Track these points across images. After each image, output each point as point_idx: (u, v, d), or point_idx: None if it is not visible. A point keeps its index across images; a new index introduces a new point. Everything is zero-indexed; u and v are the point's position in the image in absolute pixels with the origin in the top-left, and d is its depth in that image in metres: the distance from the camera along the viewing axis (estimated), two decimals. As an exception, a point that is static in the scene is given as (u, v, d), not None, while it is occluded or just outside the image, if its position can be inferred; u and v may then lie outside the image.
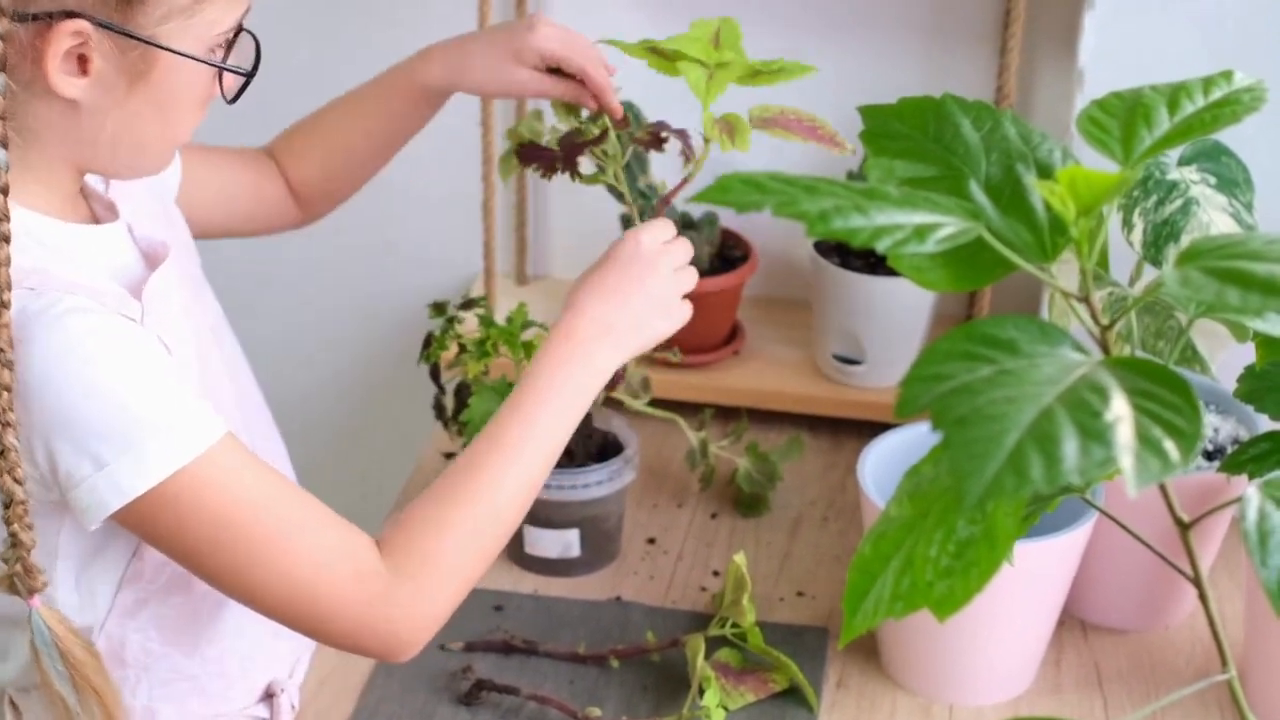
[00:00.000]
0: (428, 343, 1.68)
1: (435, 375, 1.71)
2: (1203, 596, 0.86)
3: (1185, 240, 1.47)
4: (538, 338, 1.61)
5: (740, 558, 1.48)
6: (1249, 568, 1.48)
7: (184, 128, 1.29)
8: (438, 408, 1.73)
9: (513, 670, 1.51)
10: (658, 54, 1.48)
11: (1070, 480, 0.70)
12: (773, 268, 2.00)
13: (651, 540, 1.72)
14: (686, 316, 1.40)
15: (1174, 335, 1.49)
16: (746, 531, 1.74)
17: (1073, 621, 1.59)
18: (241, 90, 1.30)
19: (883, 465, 1.51)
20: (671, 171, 1.94)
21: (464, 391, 1.66)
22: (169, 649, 1.34)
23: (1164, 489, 0.85)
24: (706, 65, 1.46)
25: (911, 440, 1.54)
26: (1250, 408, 1.31)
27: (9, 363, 1.14)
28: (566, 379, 1.31)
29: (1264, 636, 1.45)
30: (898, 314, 1.83)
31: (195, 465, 1.18)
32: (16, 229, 1.16)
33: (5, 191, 1.15)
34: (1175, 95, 0.88)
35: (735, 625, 1.51)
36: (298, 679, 1.47)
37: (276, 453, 1.51)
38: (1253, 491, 0.86)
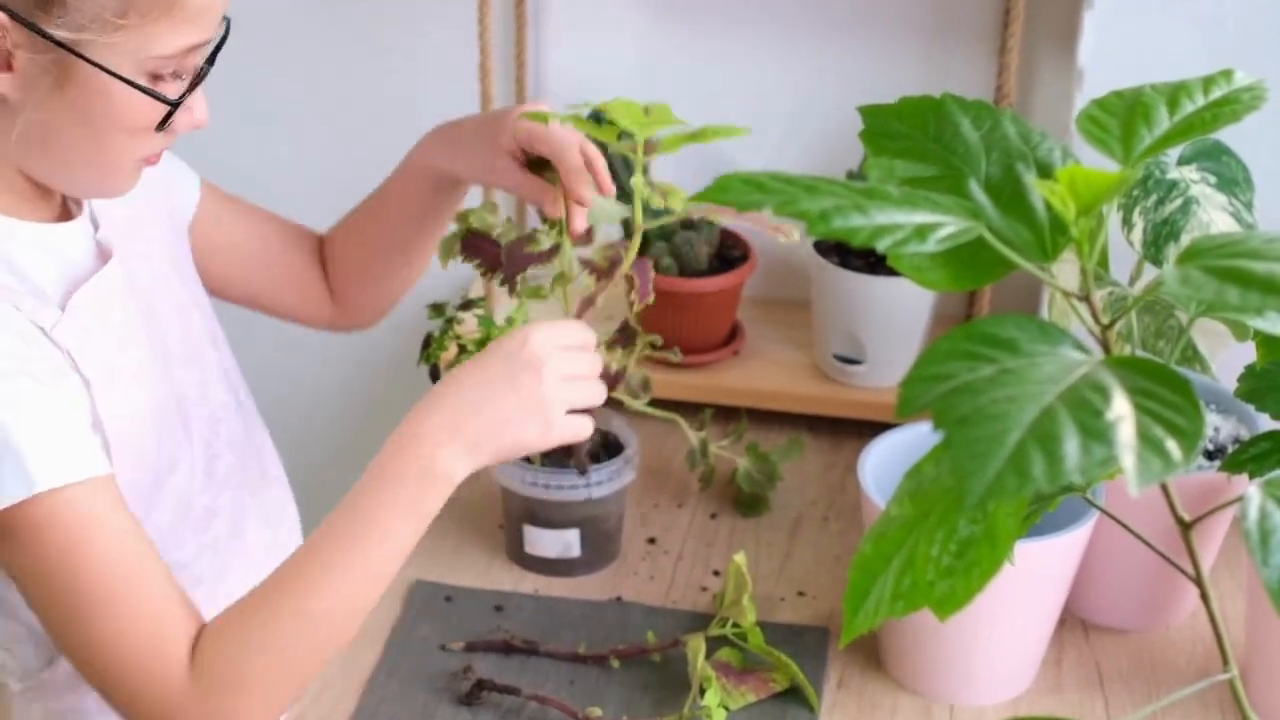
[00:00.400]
0: (427, 343, 1.68)
1: (435, 376, 1.71)
2: (1204, 596, 0.86)
3: (1185, 239, 1.47)
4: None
5: (740, 557, 1.48)
6: (1250, 567, 1.48)
7: (117, 150, 1.24)
8: (438, 408, 1.73)
9: (513, 670, 1.51)
10: (595, 122, 1.37)
11: (1072, 479, 0.70)
12: (772, 268, 2.00)
13: (652, 540, 1.72)
14: (579, 433, 1.26)
15: (1174, 334, 1.49)
16: (747, 531, 1.74)
17: (1074, 621, 1.59)
18: (179, 117, 1.24)
19: (883, 465, 1.51)
20: (669, 173, 1.95)
21: (464, 392, 1.66)
22: None
23: (1165, 488, 0.84)
24: (635, 136, 1.35)
25: (912, 440, 1.54)
26: (1251, 407, 1.31)
27: None
28: (401, 483, 1.20)
29: (1265, 636, 1.45)
30: (897, 314, 1.83)
31: (47, 498, 1.15)
32: None
33: None
34: (1175, 94, 0.88)
35: (736, 625, 1.51)
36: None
37: (262, 471, 1.50)
38: (1254, 490, 0.86)
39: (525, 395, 1.23)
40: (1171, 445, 0.71)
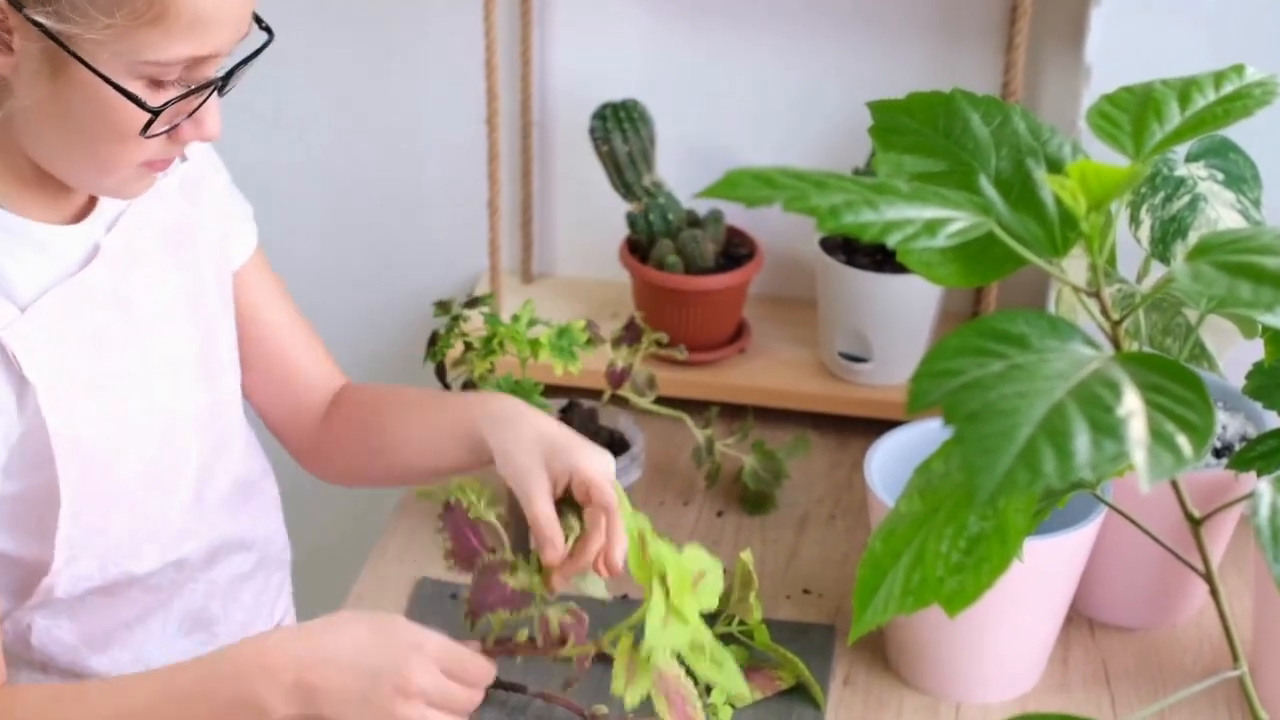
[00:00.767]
0: (433, 341, 1.67)
1: (441, 374, 1.71)
2: (1214, 592, 0.86)
3: (1193, 237, 1.47)
4: (545, 335, 1.61)
5: (747, 555, 1.48)
6: (1258, 565, 1.48)
7: (108, 151, 1.21)
8: (443, 406, 1.72)
9: (519, 668, 1.51)
10: (644, 548, 1.26)
11: (1082, 475, 0.69)
12: (778, 265, 2.00)
13: (658, 538, 1.72)
14: None
15: (1182, 332, 1.49)
16: (753, 529, 1.74)
17: (1080, 619, 1.59)
18: (163, 125, 1.20)
19: (890, 463, 1.51)
20: (675, 168, 1.94)
21: (470, 389, 1.66)
22: (78, 642, 1.34)
23: (1175, 485, 0.84)
24: (668, 600, 1.24)
25: (918, 438, 1.53)
26: (1259, 404, 1.31)
27: None
28: (223, 704, 1.17)
29: (1274, 634, 1.45)
30: (904, 312, 1.83)
31: None
32: None
33: None
34: (1186, 89, 0.88)
35: (742, 623, 1.50)
36: None
37: (258, 509, 1.47)
38: (1264, 487, 0.85)
39: (381, 696, 1.18)
40: (1183, 441, 0.71)
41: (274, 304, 1.51)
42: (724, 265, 1.90)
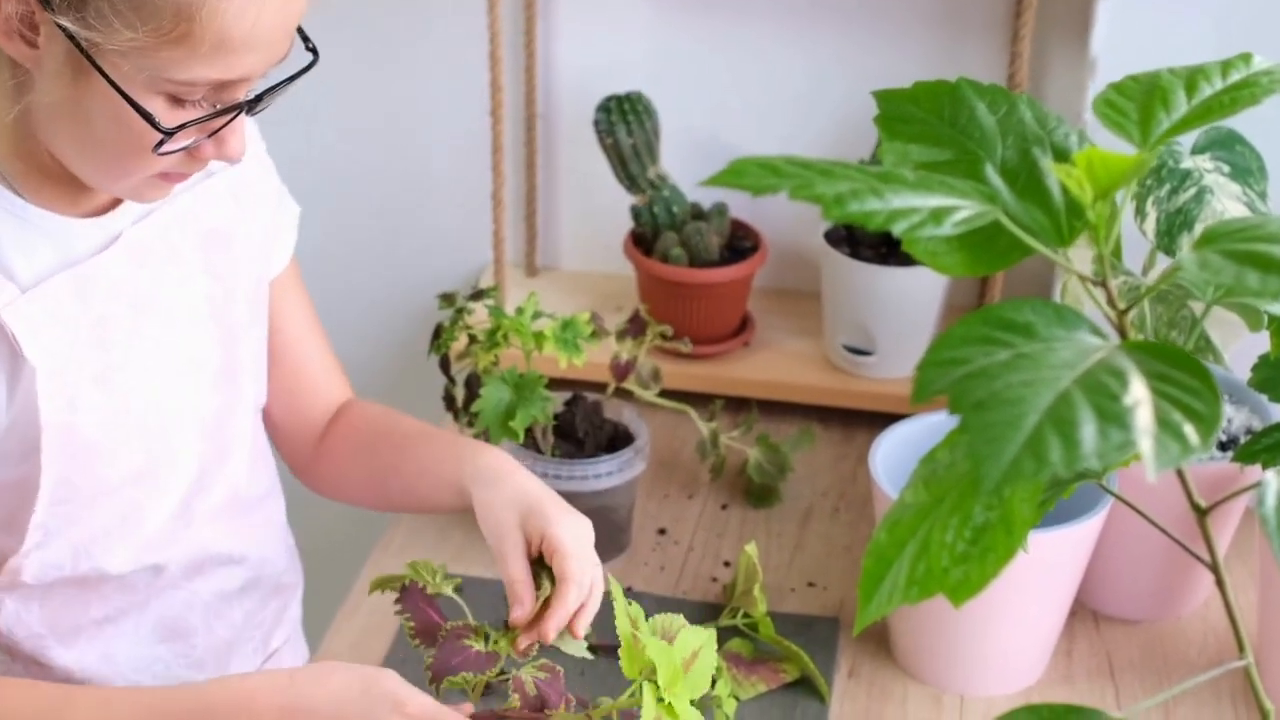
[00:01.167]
0: (437, 334, 1.67)
1: (445, 366, 1.71)
2: (1220, 582, 0.86)
3: (1199, 229, 1.46)
4: (549, 328, 1.60)
5: (751, 548, 1.48)
6: (1262, 557, 1.48)
7: (121, 161, 1.20)
8: (448, 399, 1.72)
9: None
10: (635, 630, 1.26)
11: (1089, 464, 0.69)
12: (783, 258, 1.99)
13: (662, 531, 1.72)
14: None
15: (1187, 325, 1.49)
16: (757, 522, 1.74)
17: (1084, 611, 1.58)
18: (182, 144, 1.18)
19: (894, 456, 1.51)
20: (679, 160, 1.94)
21: (474, 382, 1.66)
22: (45, 631, 1.33)
23: (1182, 475, 0.84)
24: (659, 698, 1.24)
25: (922, 431, 1.53)
26: (1264, 397, 1.31)
27: None
28: None
29: (1278, 625, 1.45)
30: (908, 305, 1.83)
31: None
32: None
33: None
34: (1193, 78, 0.88)
35: (746, 615, 1.50)
36: None
37: (256, 528, 1.46)
38: (1272, 477, 0.85)
39: None
40: (1189, 430, 0.71)
41: (299, 315, 1.50)
42: (728, 258, 1.90)
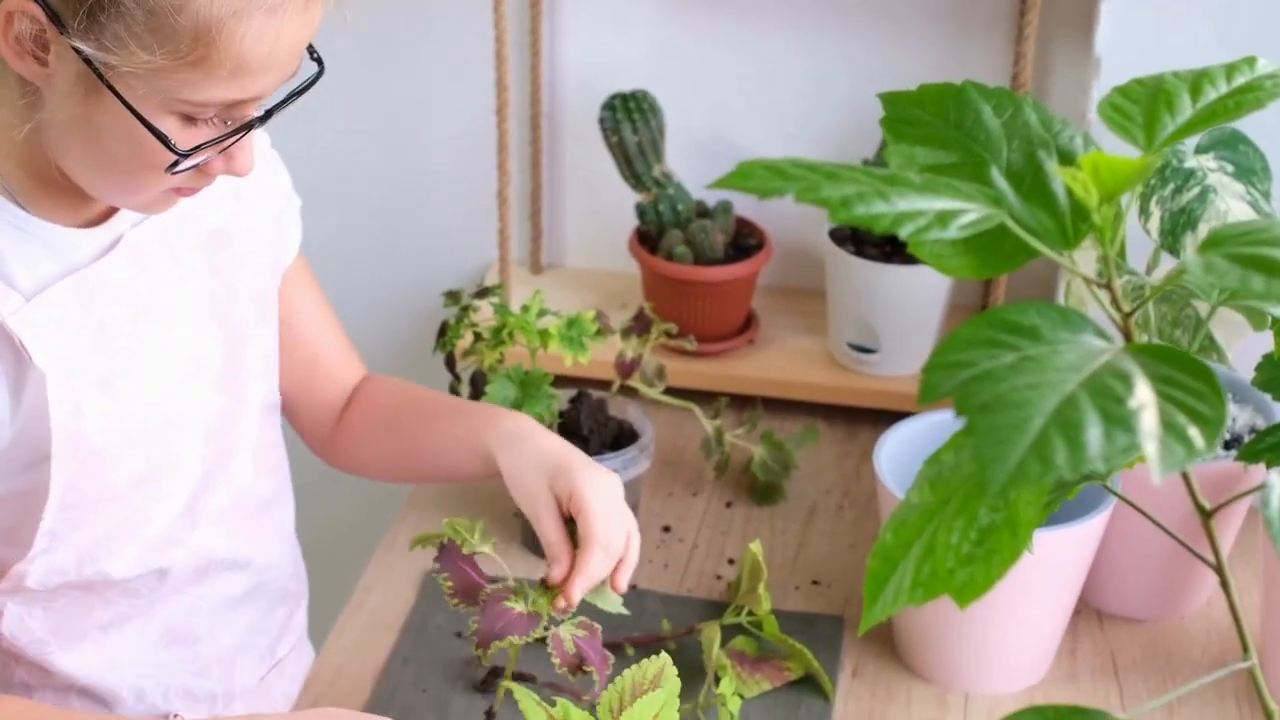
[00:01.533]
0: (443, 331, 1.68)
1: (450, 364, 1.71)
2: (1224, 583, 0.86)
3: (1202, 229, 1.47)
4: (554, 325, 1.61)
5: (756, 546, 1.48)
6: (1266, 557, 1.48)
7: (133, 178, 1.20)
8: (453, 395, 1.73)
9: (528, 658, 1.51)
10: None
11: (1094, 467, 0.69)
12: (787, 256, 2.00)
13: (667, 528, 1.72)
14: None
15: (1191, 325, 1.49)
16: (761, 520, 1.74)
17: (1089, 611, 1.59)
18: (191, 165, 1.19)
19: (898, 454, 1.51)
20: (684, 159, 1.94)
21: (479, 380, 1.66)
22: (48, 636, 1.34)
23: (1186, 476, 0.84)
24: None
25: (927, 429, 1.54)
26: (1268, 396, 1.31)
27: None
28: None
29: (1281, 626, 1.45)
30: (912, 303, 1.83)
31: None
32: None
33: None
34: (1198, 81, 0.88)
35: (750, 613, 1.51)
36: None
37: (261, 531, 1.46)
38: (1275, 478, 0.86)
39: None
40: (1194, 433, 0.71)
41: (311, 301, 1.51)
42: (733, 256, 1.90)
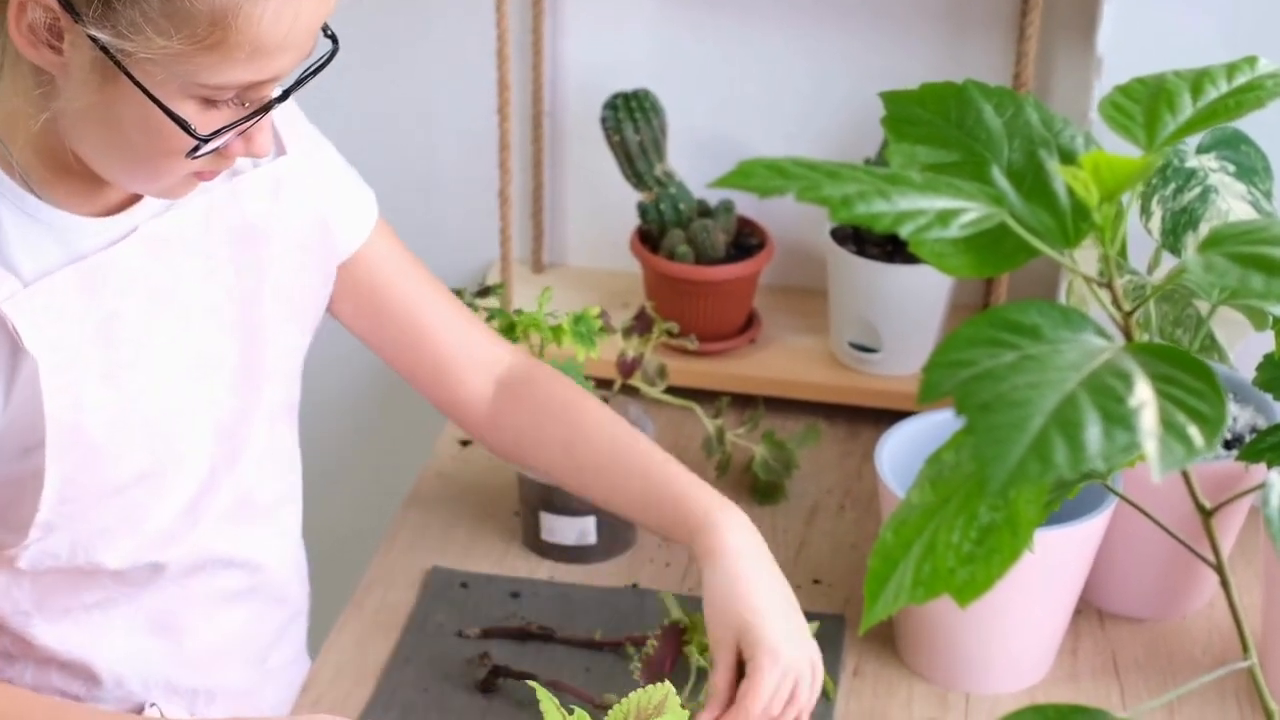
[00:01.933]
0: (444, 330, 1.67)
1: (451, 362, 1.71)
2: (1225, 582, 0.86)
3: (1204, 228, 1.47)
4: (565, 321, 1.61)
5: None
6: (1267, 556, 1.48)
7: (153, 164, 1.19)
8: (454, 395, 1.73)
9: (529, 657, 1.51)
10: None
11: (1094, 466, 0.69)
12: (789, 255, 2.00)
13: (667, 528, 1.72)
14: None
15: (1192, 324, 1.49)
16: (763, 519, 1.73)
17: (1089, 610, 1.59)
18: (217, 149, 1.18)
19: (900, 453, 1.51)
20: (685, 158, 1.94)
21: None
22: (32, 609, 1.33)
23: (1186, 475, 0.84)
24: None
25: (928, 429, 1.54)
26: (1269, 396, 1.31)
27: None
28: None
29: (1282, 625, 1.45)
30: (914, 302, 1.83)
31: None
32: None
33: None
34: (1199, 80, 0.88)
35: (752, 613, 1.50)
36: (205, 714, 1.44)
37: (265, 535, 1.45)
38: (1276, 477, 0.86)
39: None
40: (1194, 432, 0.71)
41: (404, 280, 1.46)
42: (735, 255, 1.90)
